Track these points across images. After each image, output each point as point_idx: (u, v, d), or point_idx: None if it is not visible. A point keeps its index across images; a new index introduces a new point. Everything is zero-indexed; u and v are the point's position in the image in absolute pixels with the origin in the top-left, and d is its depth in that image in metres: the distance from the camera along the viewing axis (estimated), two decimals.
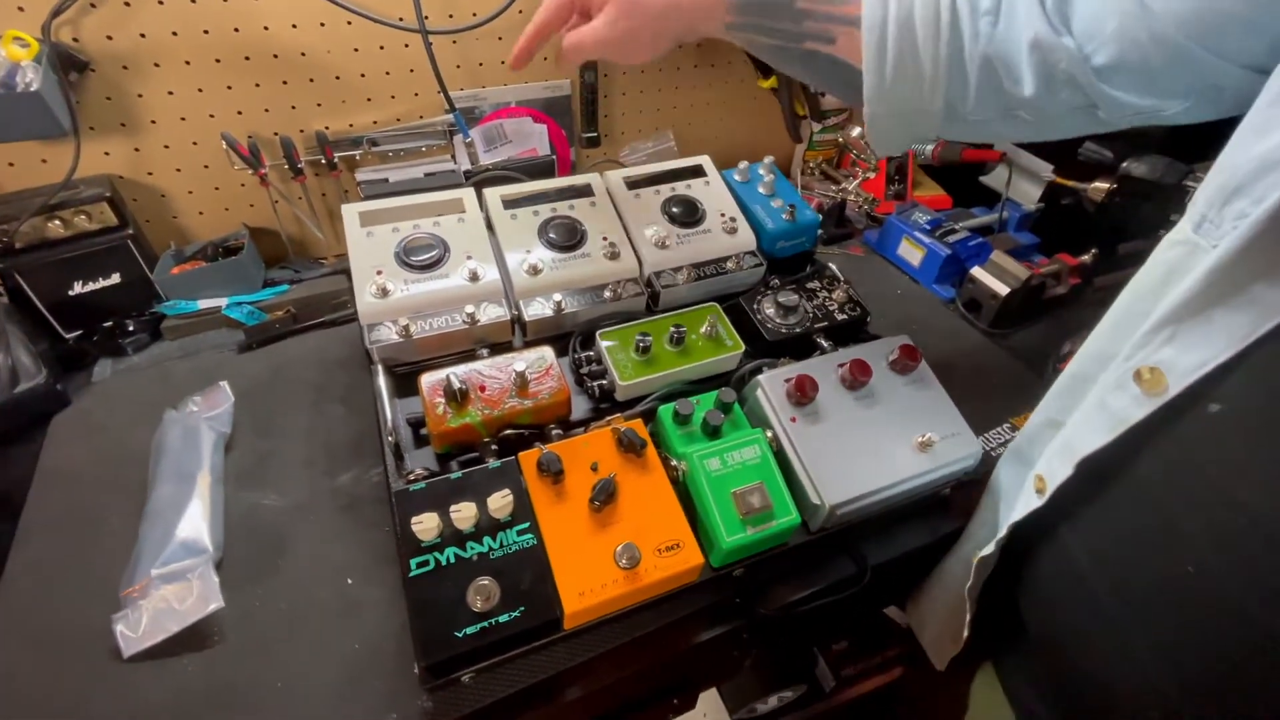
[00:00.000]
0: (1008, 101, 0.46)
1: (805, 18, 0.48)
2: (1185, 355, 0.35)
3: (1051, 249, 0.90)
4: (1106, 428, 0.39)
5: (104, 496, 0.58)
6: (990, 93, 0.46)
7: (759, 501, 0.49)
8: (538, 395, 0.54)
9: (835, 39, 0.48)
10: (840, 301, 0.67)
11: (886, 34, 0.45)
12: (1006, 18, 0.44)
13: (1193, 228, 0.37)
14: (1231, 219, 0.34)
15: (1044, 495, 0.44)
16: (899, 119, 0.48)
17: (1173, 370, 0.36)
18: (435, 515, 0.45)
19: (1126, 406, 0.38)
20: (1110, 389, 0.40)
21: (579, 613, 0.45)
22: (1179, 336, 0.36)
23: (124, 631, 0.48)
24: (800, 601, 0.55)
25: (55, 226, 0.68)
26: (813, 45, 0.48)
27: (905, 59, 0.45)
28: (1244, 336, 0.33)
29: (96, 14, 0.65)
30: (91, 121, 0.70)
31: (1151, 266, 0.40)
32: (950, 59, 0.45)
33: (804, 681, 1.08)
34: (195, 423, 0.61)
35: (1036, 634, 0.50)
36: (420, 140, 0.85)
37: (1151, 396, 0.37)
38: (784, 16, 0.48)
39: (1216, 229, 0.35)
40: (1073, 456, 0.42)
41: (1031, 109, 0.46)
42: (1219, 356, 0.34)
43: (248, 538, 0.56)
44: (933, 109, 0.47)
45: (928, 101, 0.47)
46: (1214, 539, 0.35)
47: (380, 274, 0.59)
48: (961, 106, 0.47)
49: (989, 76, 0.45)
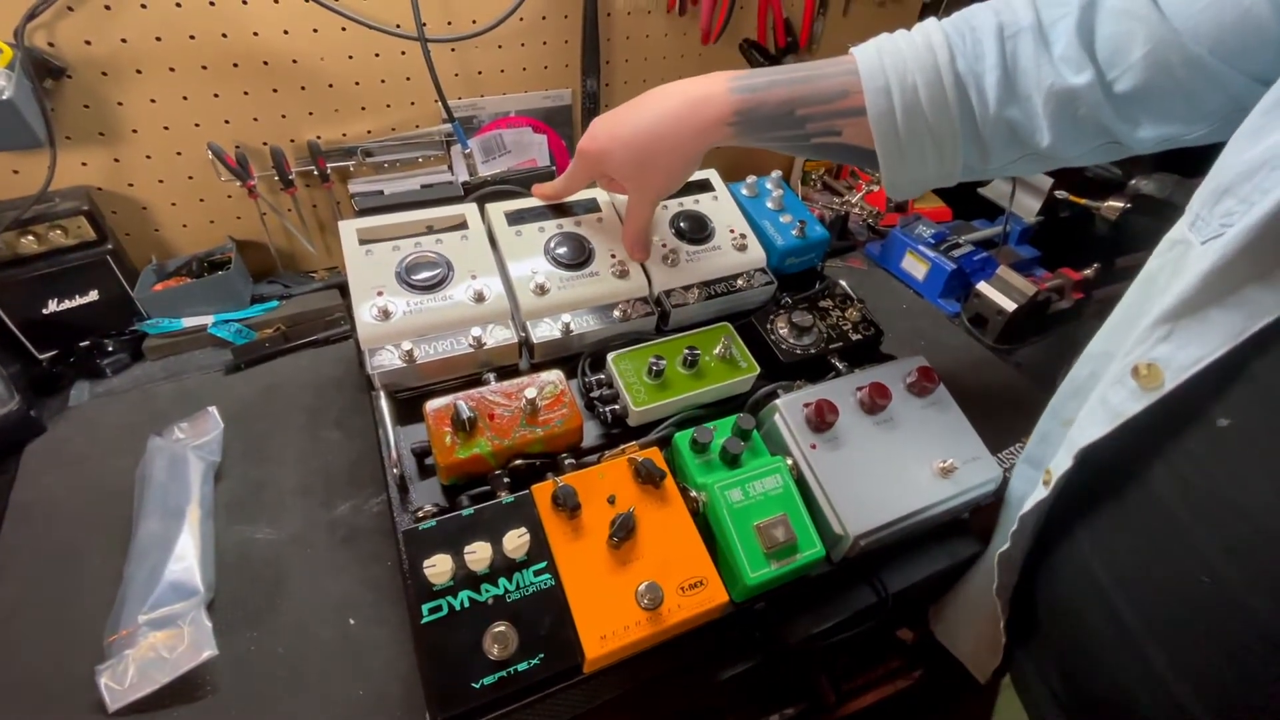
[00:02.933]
0: (1026, 150, 0.47)
1: (807, 121, 0.49)
2: (1181, 351, 0.36)
3: (1052, 262, 0.90)
4: (1105, 420, 0.40)
5: (84, 533, 0.55)
6: (1008, 148, 0.47)
7: (783, 535, 0.47)
8: (549, 423, 0.52)
9: (841, 131, 0.49)
10: (854, 321, 0.66)
11: (896, 124, 0.46)
12: (1013, 78, 0.44)
13: (1188, 226, 0.38)
14: (1219, 217, 0.35)
15: (1049, 486, 0.45)
16: (916, 183, 0.50)
17: (1169, 366, 0.37)
18: (448, 557, 0.42)
19: (1124, 400, 0.39)
20: (1110, 384, 0.41)
21: (600, 658, 0.43)
22: (1175, 334, 0.37)
23: (108, 684, 0.44)
24: (822, 634, 0.53)
25: (29, 242, 0.64)
26: (820, 140, 0.50)
27: (918, 143, 0.47)
28: (1236, 334, 0.34)
29: (74, 18, 0.62)
30: (68, 131, 0.66)
31: (1151, 267, 0.41)
32: (964, 132, 0.46)
33: (804, 698, 1.07)
34: (182, 451, 0.58)
35: (1054, 642, 0.50)
36: (416, 151, 0.82)
37: (1148, 392, 0.38)
38: (786, 125, 0.50)
39: (1206, 226, 0.36)
40: (1072, 447, 0.42)
41: (1049, 154, 0.46)
42: (1213, 353, 0.34)
43: (241, 575, 0.53)
44: (953, 173, 0.49)
45: (947, 169, 0.48)
46: (1227, 551, 0.35)
47: (381, 294, 0.56)
48: (981, 164, 0.49)
49: (1006, 136, 0.46)
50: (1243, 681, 0.35)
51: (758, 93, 0.49)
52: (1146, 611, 0.40)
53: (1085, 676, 0.46)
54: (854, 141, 0.49)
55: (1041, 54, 0.43)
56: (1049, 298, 0.82)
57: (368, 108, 0.78)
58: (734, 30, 0.92)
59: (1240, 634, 0.35)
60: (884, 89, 0.45)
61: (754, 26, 0.93)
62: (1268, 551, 0.34)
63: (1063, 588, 0.48)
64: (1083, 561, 0.45)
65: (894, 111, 0.45)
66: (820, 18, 0.97)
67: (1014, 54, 0.44)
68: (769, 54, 0.94)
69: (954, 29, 0.46)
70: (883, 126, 0.46)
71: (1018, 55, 0.44)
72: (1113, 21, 0.41)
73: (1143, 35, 0.40)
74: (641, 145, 0.53)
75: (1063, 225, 0.93)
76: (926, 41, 0.45)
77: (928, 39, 0.45)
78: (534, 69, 0.84)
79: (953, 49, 0.45)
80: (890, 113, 0.45)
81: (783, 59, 0.94)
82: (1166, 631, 0.39)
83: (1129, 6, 0.40)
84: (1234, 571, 0.35)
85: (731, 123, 0.50)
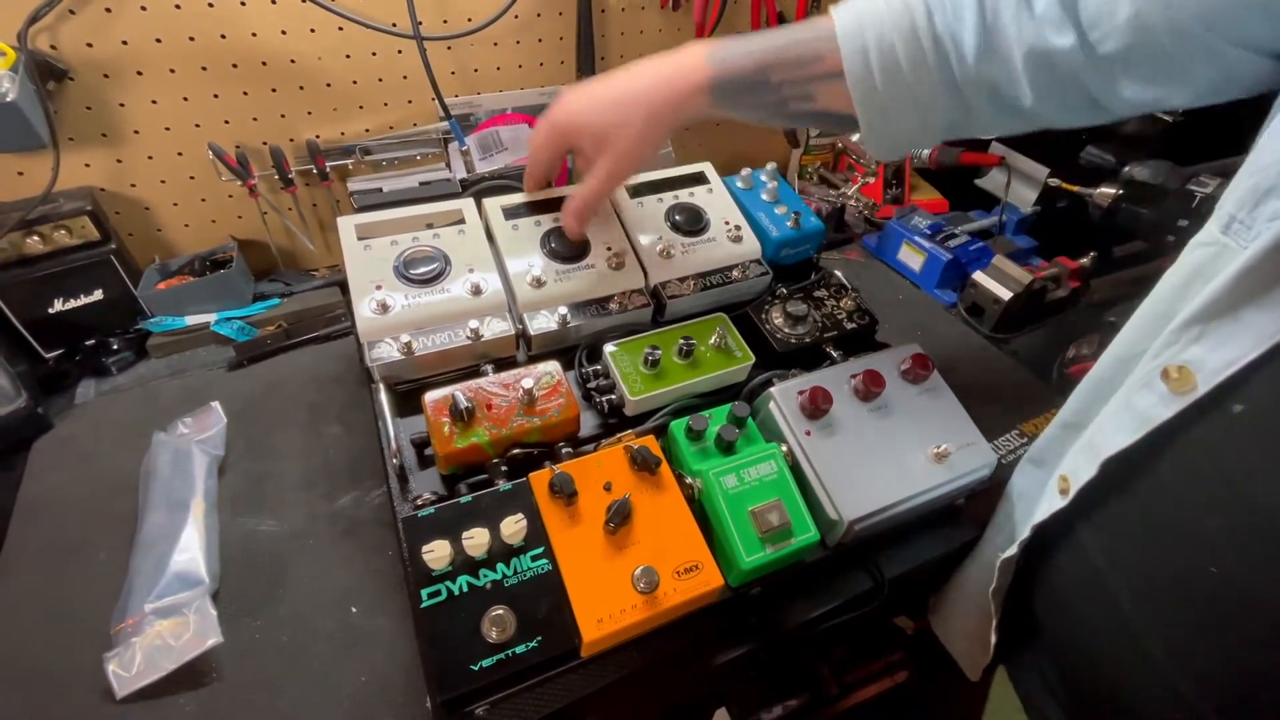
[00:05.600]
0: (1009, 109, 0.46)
1: (782, 87, 0.49)
2: (1214, 353, 0.35)
3: (1049, 252, 0.90)
4: (1132, 427, 0.39)
5: (91, 526, 0.55)
6: (990, 106, 0.47)
7: (778, 519, 0.48)
8: (546, 412, 0.52)
9: (816, 97, 0.49)
10: (848, 310, 0.66)
11: (875, 83, 0.46)
12: (992, 35, 0.44)
13: (1220, 229, 0.36)
14: (1265, 219, 0.34)
15: (1068, 496, 0.44)
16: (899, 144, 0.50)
17: (1202, 368, 0.35)
18: (446, 543, 0.43)
19: (1153, 405, 0.38)
20: (1136, 388, 0.39)
21: (597, 640, 0.43)
22: (1207, 335, 0.35)
23: (116, 671, 0.45)
24: (818, 619, 0.54)
25: (33, 242, 0.65)
26: (796, 107, 0.50)
27: (898, 101, 0.47)
28: (1271, 335, 0.32)
29: (76, 21, 0.63)
30: (71, 132, 0.67)
31: (1177, 269, 0.40)
32: (945, 88, 0.46)
33: (806, 689, 1.08)
34: (186, 446, 0.59)
35: (1052, 636, 0.50)
36: (414, 148, 0.83)
37: (1179, 395, 0.36)
38: (762, 92, 0.50)
39: (1248, 230, 0.35)
40: (1097, 456, 0.41)
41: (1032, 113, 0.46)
42: (1247, 355, 0.33)
43: (245, 566, 0.54)
44: (935, 131, 0.49)
45: (930, 127, 0.48)
46: (1234, 539, 0.35)
47: (379, 289, 0.57)
48: (965, 122, 0.48)
49: (987, 94, 0.46)
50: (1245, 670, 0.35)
51: (734, 60, 0.50)
52: (1147, 601, 0.40)
53: (1082, 669, 0.46)
54: (829, 107, 0.49)
55: (1023, 11, 0.42)
56: (1045, 286, 0.82)
57: (365, 106, 0.79)
58: (727, 25, 0.92)
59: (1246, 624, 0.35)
60: (861, 49, 0.45)
61: (747, 21, 0.94)
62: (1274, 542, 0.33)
63: (1060, 580, 0.48)
64: (1081, 551, 0.45)
65: (872, 72, 0.45)
66: (814, 10, 0.97)
67: (995, 11, 0.43)
68: None
69: None
70: (862, 86, 0.46)
71: (999, 12, 0.43)
72: None
73: None
74: (617, 111, 0.52)
75: (1059, 215, 0.93)
76: (904, 2, 0.45)
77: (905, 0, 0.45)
78: (530, 66, 0.85)
79: (930, 8, 0.44)
80: (869, 72, 0.46)
81: None
82: (1168, 621, 0.39)
83: None
84: (1241, 561, 0.35)
85: (709, 90, 0.50)
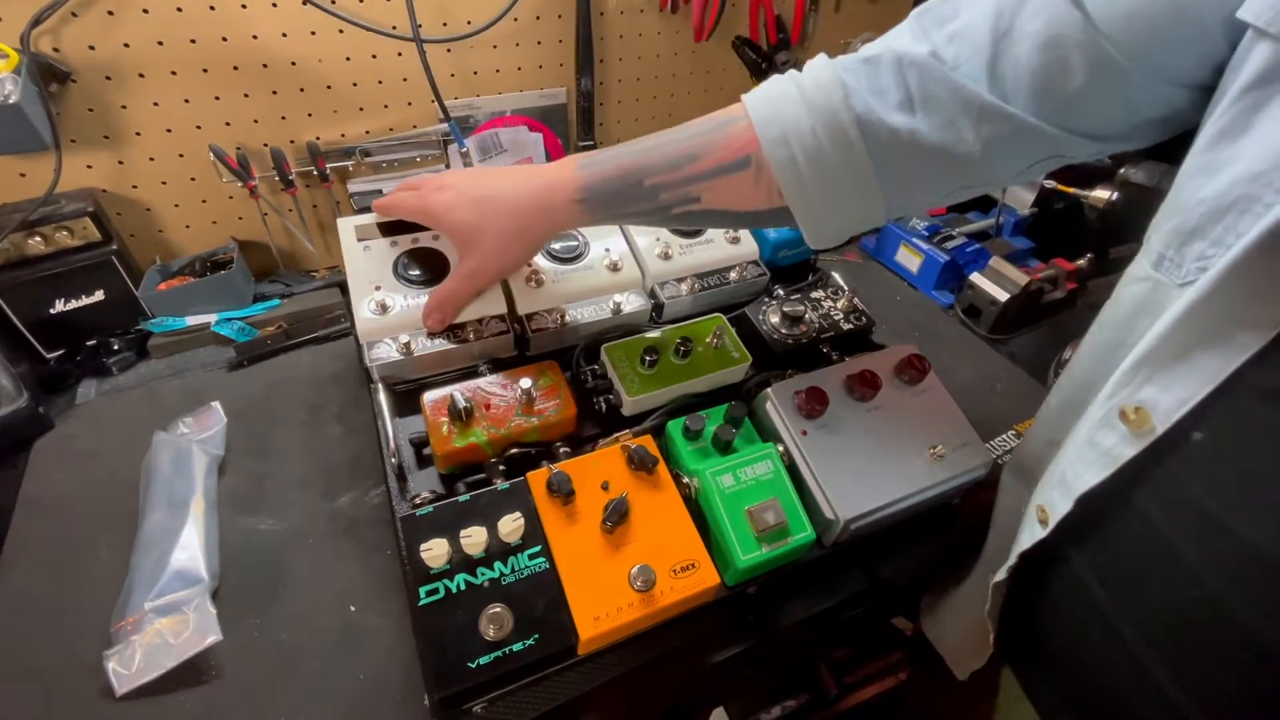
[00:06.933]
0: (957, 176, 0.44)
1: (660, 191, 0.47)
2: (1166, 393, 0.35)
3: (1045, 253, 0.91)
4: (1100, 465, 0.39)
5: (91, 525, 0.56)
6: (933, 177, 0.44)
7: (774, 518, 0.48)
8: (544, 412, 0.53)
9: (699, 197, 0.46)
10: (845, 310, 0.66)
11: (800, 172, 0.43)
12: (924, 104, 0.41)
13: (1152, 265, 0.37)
14: (1193, 260, 0.34)
15: (1047, 527, 0.44)
16: (840, 231, 0.47)
17: (1156, 409, 0.36)
18: (444, 541, 0.43)
19: (1116, 444, 0.38)
20: (1098, 426, 0.39)
21: (594, 638, 0.44)
22: (1157, 377, 0.36)
23: (116, 668, 0.46)
24: (814, 618, 0.54)
25: (35, 243, 0.66)
26: (680, 210, 0.47)
27: (829, 188, 0.43)
28: (1219, 373, 0.33)
29: (78, 23, 0.63)
30: (73, 134, 0.68)
31: (1117, 300, 0.41)
32: (877, 168, 0.42)
33: (806, 690, 1.08)
34: (187, 445, 0.59)
35: (1057, 651, 0.50)
36: (414, 150, 0.83)
37: (1139, 435, 0.36)
38: (636, 198, 0.47)
39: (1179, 269, 0.35)
40: (1070, 493, 0.41)
41: (984, 178, 0.44)
42: (1199, 394, 0.34)
43: (244, 565, 0.54)
44: (876, 212, 0.45)
45: (870, 210, 0.45)
46: (1215, 567, 0.35)
47: (379, 289, 0.57)
48: (906, 200, 0.46)
49: (926, 166, 0.43)
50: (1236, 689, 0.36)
51: (598, 166, 0.48)
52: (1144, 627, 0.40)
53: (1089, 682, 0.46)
54: (717, 205, 0.46)
55: (952, 76, 0.40)
56: (1042, 288, 0.83)
57: (365, 108, 0.79)
58: (726, 28, 0.93)
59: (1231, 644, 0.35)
60: (780, 139, 0.42)
61: (746, 24, 0.94)
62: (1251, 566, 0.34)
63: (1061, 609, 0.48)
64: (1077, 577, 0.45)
65: (796, 161, 0.42)
66: (812, 14, 0.98)
67: (921, 80, 0.41)
68: (761, 51, 0.95)
69: (847, 66, 0.43)
70: (786, 176, 0.43)
71: (925, 81, 0.41)
72: (1038, 54, 0.38)
73: (1079, 60, 0.37)
74: (480, 213, 0.51)
75: (1056, 217, 0.93)
76: (816, 81, 0.43)
77: (816, 79, 0.43)
78: (529, 68, 0.86)
79: (847, 86, 0.42)
80: (792, 162, 0.43)
81: (775, 55, 0.95)
82: (1164, 644, 0.39)
83: (1055, 30, 0.37)
84: (1221, 585, 0.35)
85: (578, 199, 0.48)
